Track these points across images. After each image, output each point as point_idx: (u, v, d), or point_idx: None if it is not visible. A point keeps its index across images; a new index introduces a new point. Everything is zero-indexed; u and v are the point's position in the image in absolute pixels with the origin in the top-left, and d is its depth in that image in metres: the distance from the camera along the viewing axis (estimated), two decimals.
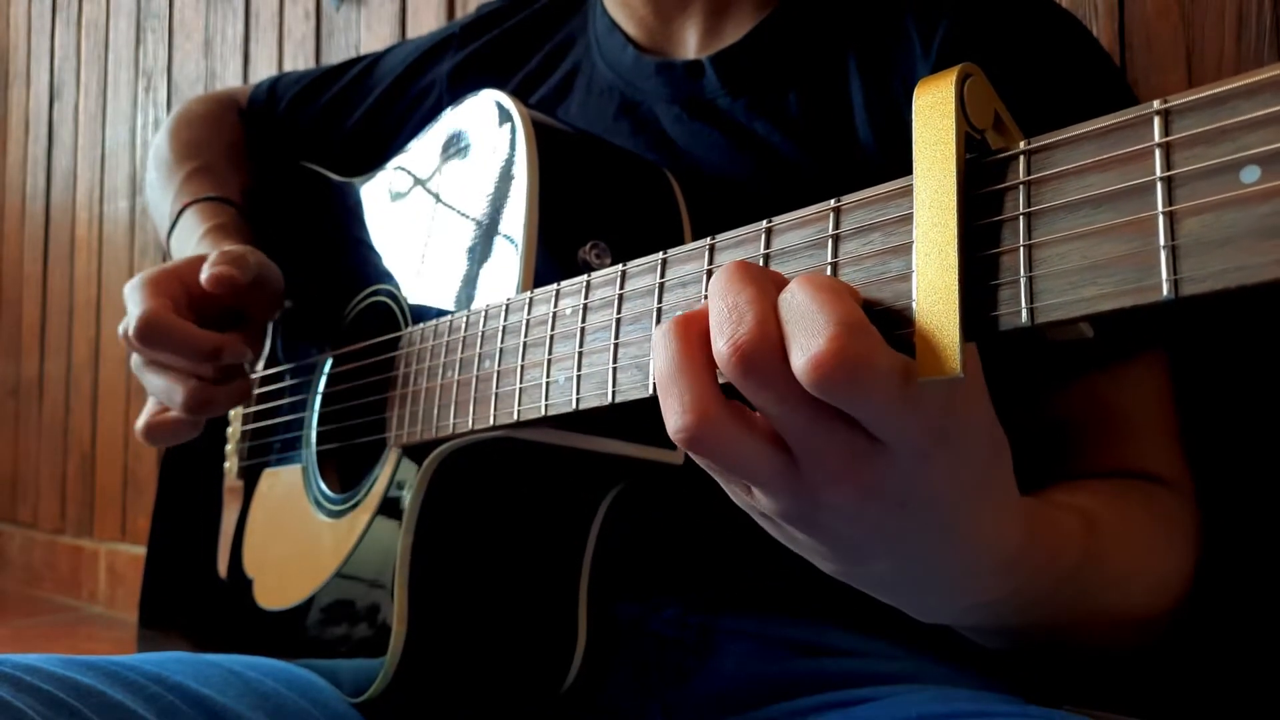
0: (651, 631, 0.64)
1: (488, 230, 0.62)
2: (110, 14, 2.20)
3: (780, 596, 0.63)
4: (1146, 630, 0.59)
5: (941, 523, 0.39)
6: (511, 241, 0.59)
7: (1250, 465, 0.76)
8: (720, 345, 0.34)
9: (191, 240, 0.83)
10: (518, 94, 0.80)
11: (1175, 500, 0.61)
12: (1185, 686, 0.78)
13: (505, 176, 0.61)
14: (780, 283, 0.36)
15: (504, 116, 0.63)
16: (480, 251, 0.62)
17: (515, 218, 0.59)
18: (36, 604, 2.12)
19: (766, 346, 0.34)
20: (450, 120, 0.70)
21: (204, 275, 0.68)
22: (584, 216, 0.60)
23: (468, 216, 0.64)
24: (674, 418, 0.36)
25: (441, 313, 0.63)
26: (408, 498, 0.60)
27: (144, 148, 2.07)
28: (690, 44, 0.75)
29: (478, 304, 0.56)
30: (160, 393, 0.70)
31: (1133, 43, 0.83)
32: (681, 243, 0.63)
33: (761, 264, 0.39)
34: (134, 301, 0.68)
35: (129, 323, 0.66)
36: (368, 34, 1.60)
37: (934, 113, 0.34)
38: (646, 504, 0.65)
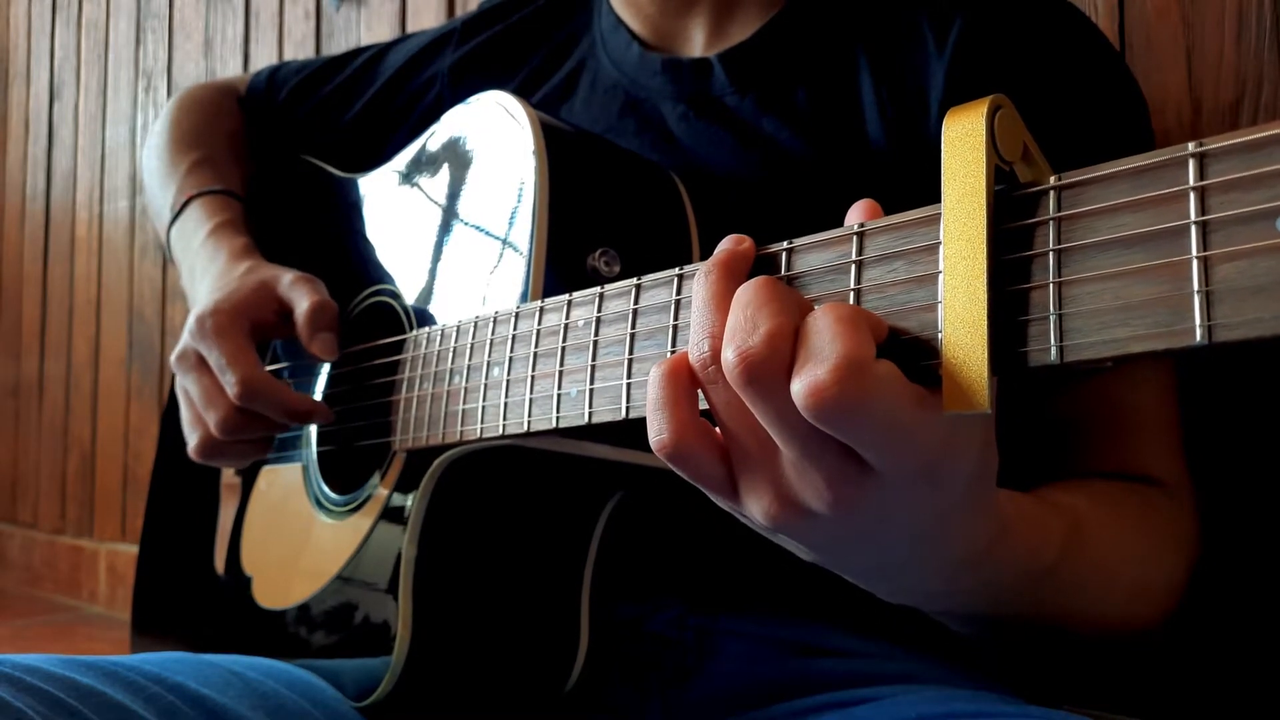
0: (651, 632, 0.64)
1: (495, 235, 0.61)
2: (110, 14, 2.20)
3: (780, 597, 0.63)
4: (1130, 636, 0.59)
5: (917, 534, 0.40)
6: (520, 247, 0.58)
7: (1250, 466, 0.76)
8: (729, 353, 0.36)
9: (197, 236, 0.83)
10: (521, 91, 0.80)
11: (1173, 508, 0.61)
12: (1185, 686, 0.78)
13: (514, 181, 0.61)
14: (805, 307, 0.36)
15: (512, 119, 0.62)
16: (488, 256, 0.62)
17: (524, 223, 0.59)
18: (36, 604, 2.12)
19: (772, 363, 0.35)
20: (457, 120, 0.69)
21: (312, 347, 0.69)
22: (593, 223, 0.60)
23: (475, 220, 0.64)
24: (654, 436, 0.39)
25: (447, 317, 0.63)
26: (412, 504, 0.60)
27: (143, 147, 2.07)
28: (697, 41, 0.75)
29: (486, 310, 0.56)
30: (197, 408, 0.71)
31: (1133, 43, 0.83)
32: (688, 249, 0.63)
33: None
34: (215, 353, 0.68)
35: (226, 379, 0.67)
36: (368, 34, 1.60)
37: (964, 144, 0.34)
38: (647, 506, 0.65)
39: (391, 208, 0.75)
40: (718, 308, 0.38)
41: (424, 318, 0.66)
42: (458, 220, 0.66)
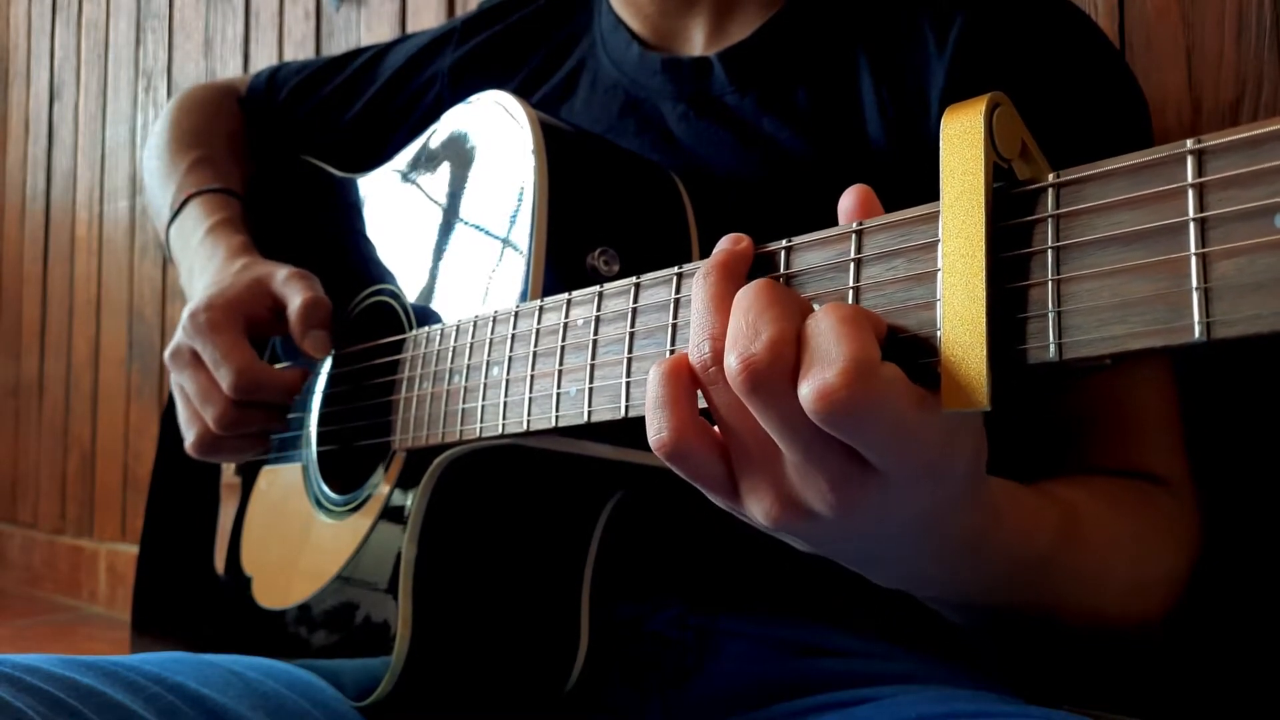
0: (651, 632, 0.64)
1: (495, 234, 0.61)
2: (110, 14, 2.20)
3: (780, 597, 0.63)
4: (1126, 631, 0.59)
5: (916, 528, 0.40)
6: (520, 247, 0.58)
7: (1251, 465, 0.76)
8: (731, 360, 0.36)
9: (195, 234, 0.83)
10: (520, 91, 0.80)
11: (1173, 505, 0.61)
12: (1185, 686, 0.78)
13: (513, 180, 0.61)
14: (805, 309, 0.36)
15: (511, 119, 0.62)
16: (487, 255, 0.62)
17: (523, 223, 0.59)
18: (36, 604, 2.12)
19: (776, 369, 0.35)
20: (456, 120, 0.69)
21: (304, 344, 0.69)
22: (592, 222, 0.60)
23: (474, 219, 0.64)
24: (653, 435, 0.39)
25: (447, 316, 0.63)
26: (411, 503, 0.60)
27: (144, 148, 2.06)
28: (697, 41, 0.75)
29: (485, 309, 0.56)
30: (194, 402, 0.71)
31: (1133, 43, 0.83)
32: (688, 248, 0.63)
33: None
34: (209, 348, 0.68)
35: (220, 374, 0.67)
36: (368, 34, 1.60)
37: (962, 142, 0.34)
38: (648, 505, 0.65)
39: (391, 208, 0.75)
40: (717, 309, 0.38)
41: (424, 317, 0.66)
42: (457, 220, 0.66)
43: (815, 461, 0.36)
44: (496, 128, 0.64)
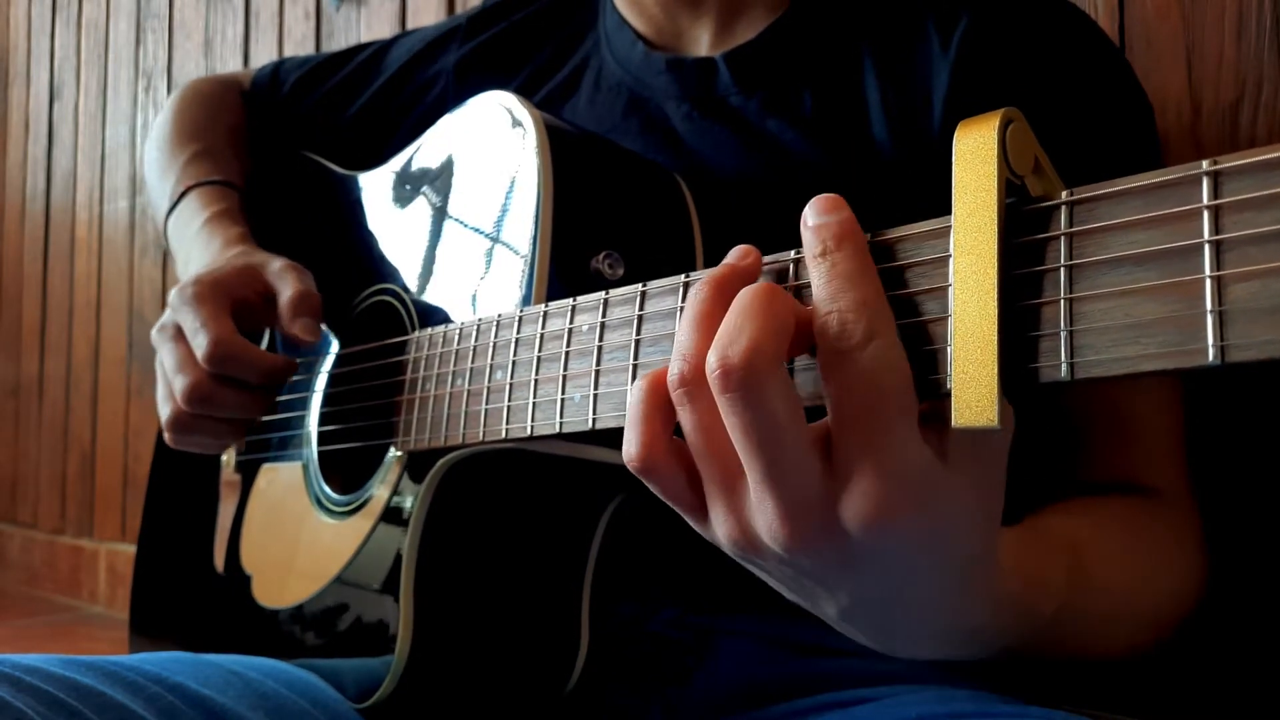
0: (652, 632, 0.64)
1: (499, 236, 0.61)
2: (110, 14, 2.20)
3: (780, 597, 0.63)
4: (1134, 658, 0.59)
5: (894, 586, 0.39)
6: (523, 249, 0.58)
7: (1251, 471, 0.76)
8: (712, 359, 0.35)
9: (193, 225, 0.83)
10: (525, 89, 0.79)
11: (1177, 518, 0.61)
12: (1185, 686, 0.78)
13: (518, 182, 0.61)
14: (803, 316, 0.36)
15: (516, 120, 0.62)
16: (491, 258, 0.62)
17: (528, 225, 0.58)
18: (36, 604, 2.12)
19: (759, 362, 0.34)
20: (460, 119, 0.69)
21: (293, 328, 0.68)
22: (596, 225, 0.60)
23: (477, 221, 0.64)
24: (625, 449, 0.39)
25: (450, 318, 0.63)
26: (413, 505, 0.60)
27: (145, 142, 2.06)
28: (702, 41, 0.75)
29: (489, 312, 0.56)
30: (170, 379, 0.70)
31: (1133, 43, 0.83)
32: (692, 252, 0.63)
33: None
34: (190, 317, 0.67)
35: (196, 341, 0.66)
36: (368, 34, 1.60)
37: (975, 157, 0.34)
38: (648, 507, 0.65)
39: (394, 206, 0.75)
40: (697, 327, 0.37)
41: (426, 318, 0.66)
42: (460, 221, 0.66)
43: (775, 480, 0.35)
44: (500, 129, 0.64)
